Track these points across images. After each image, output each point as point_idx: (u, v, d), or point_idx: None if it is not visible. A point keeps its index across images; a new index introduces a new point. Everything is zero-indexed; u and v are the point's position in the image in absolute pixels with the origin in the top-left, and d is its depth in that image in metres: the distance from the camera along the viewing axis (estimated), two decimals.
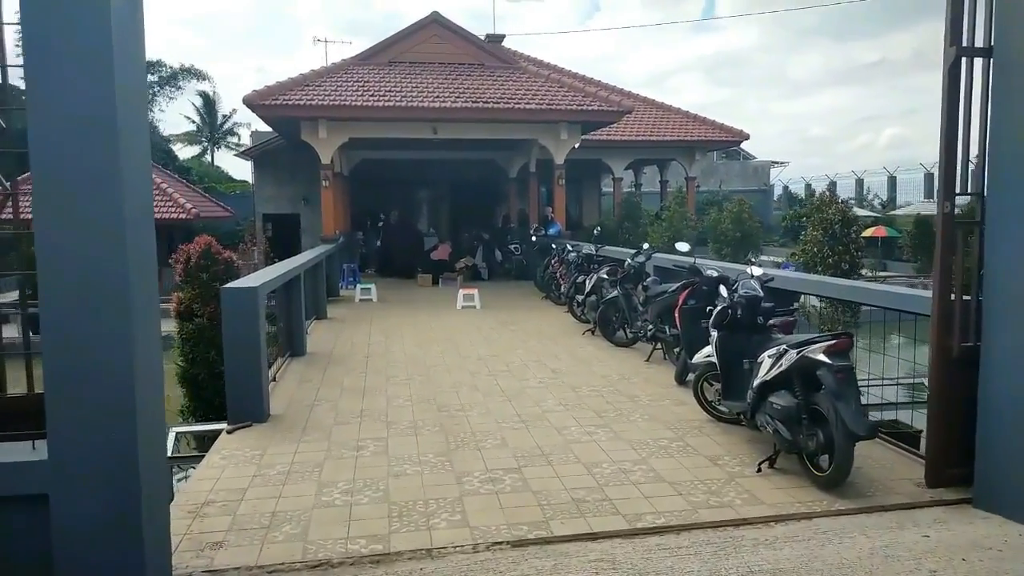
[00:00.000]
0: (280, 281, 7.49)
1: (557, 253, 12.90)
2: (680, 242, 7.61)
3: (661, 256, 9.08)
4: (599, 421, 5.90)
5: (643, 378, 7.40)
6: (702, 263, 7.18)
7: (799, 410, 4.50)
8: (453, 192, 22.22)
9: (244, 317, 5.89)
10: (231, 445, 5.44)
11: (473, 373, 7.70)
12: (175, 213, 19.45)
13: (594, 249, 10.75)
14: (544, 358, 8.45)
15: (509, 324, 10.96)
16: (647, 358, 8.21)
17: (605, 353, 8.69)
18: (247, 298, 5.90)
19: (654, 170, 26.84)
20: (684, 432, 5.61)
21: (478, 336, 10.00)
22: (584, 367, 7.95)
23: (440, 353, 8.82)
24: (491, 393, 6.85)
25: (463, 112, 13.86)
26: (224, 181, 44.92)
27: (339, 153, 17.85)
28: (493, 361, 8.31)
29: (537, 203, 18.78)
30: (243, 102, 13.25)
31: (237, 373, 5.91)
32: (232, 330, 5.89)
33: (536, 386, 7.12)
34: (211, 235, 23.22)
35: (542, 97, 14.32)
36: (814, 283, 6.75)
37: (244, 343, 5.88)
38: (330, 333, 10.36)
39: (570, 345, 9.22)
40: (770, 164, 47.66)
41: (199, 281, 8.35)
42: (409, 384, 7.25)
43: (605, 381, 7.28)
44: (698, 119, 21.08)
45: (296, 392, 6.97)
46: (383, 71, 14.88)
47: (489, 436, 5.54)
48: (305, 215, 21.05)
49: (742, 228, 12.35)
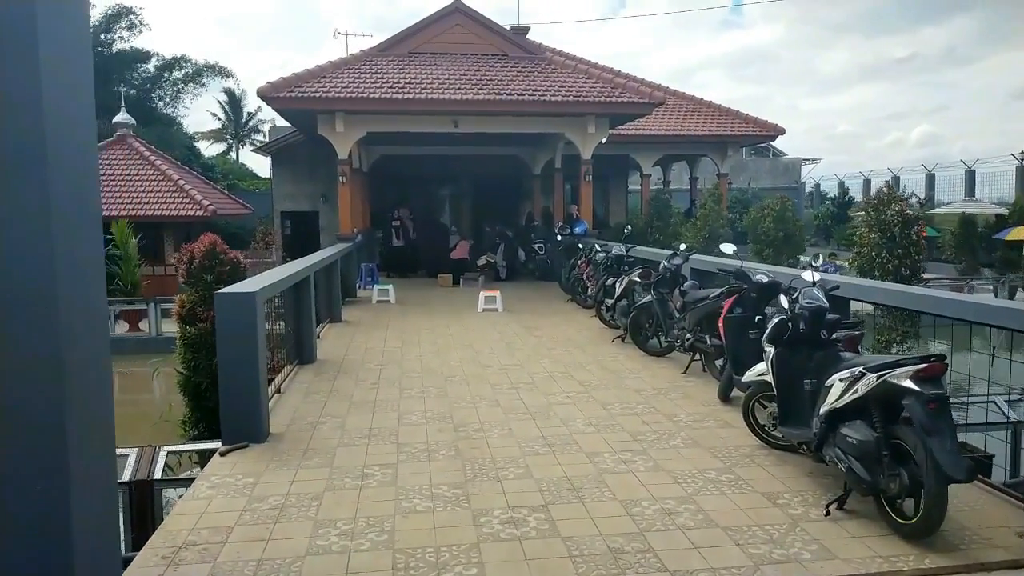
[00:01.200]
0: (285, 284, 6.90)
1: (584, 253, 12.21)
2: (724, 243, 6.90)
3: (699, 258, 8.37)
4: (635, 446, 5.23)
5: (681, 394, 6.71)
6: (749, 267, 6.46)
7: (879, 445, 3.80)
8: (475, 189, 21.60)
9: (241, 326, 5.30)
10: (223, 470, 4.86)
11: (494, 386, 7.06)
12: (191, 210, 19.08)
13: (624, 250, 10.04)
14: (571, 369, 7.78)
15: (533, 329, 10.30)
16: (684, 370, 7.51)
17: (637, 363, 8.01)
18: (244, 304, 5.31)
19: (682, 167, 26.05)
20: (733, 461, 4.92)
21: (500, 342, 9.36)
22: (615, 380, 7.27)
23: (459, 362, 8.19)
24: (513, 410, 6.20)
25: (486, 104, 13.21)
26: (247, 178, 44.85)
27: (358, 149, 17.32)
28: (516, 371, 7.66)
29: (562, 201, 18.09)
30: (257, 94, 12.73)
31: (233, 388, 5.33)
32: (227, 340, 5.31)
33: (563, 402, 6.46)
34: (233, 232, 22.90)
35: (569, 89, 13.63)
36: (894, 293, 5.81)
37: (240, 355, 5.29)
38: (343, 338, 9.78)
39: (599, 354, 8.54)
40: (801, 161, 46.48)
41: (202, 283, 7.80)
42: (424, 398, 6.63)
43: (640, 397, 6.60)
44: (730, 112, 20.23)
45: (301, 406, 6.37)
46: (403, 62, 14.29)
47: (511, 463, 4.90)
48: (324, 213, 20.56)
49: (785, 228, 11.53)
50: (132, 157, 20.78)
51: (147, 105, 37.85)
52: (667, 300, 7.86)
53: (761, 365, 5.07)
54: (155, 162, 20.77)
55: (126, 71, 37.31)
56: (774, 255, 10.95)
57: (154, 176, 20.12)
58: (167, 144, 34.55)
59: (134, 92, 37.40)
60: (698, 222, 13.61)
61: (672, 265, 7.87)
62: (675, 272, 7.85)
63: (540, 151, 18.97)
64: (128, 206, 18.94)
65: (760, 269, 6.38)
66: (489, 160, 20.04)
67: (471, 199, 21.66)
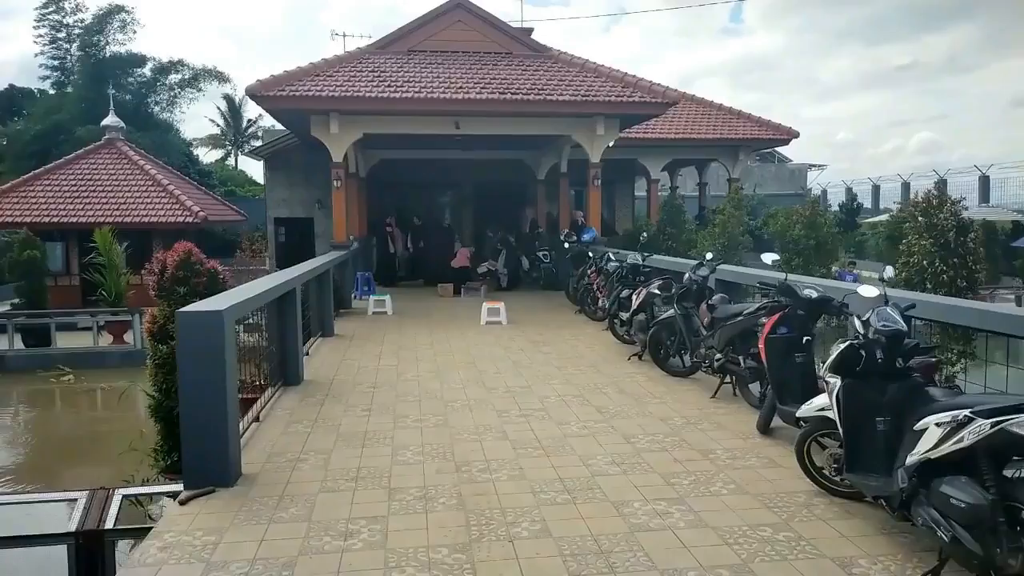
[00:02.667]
0: (264, 299, 6.11)
1: (594, 262, 11.43)
2: (767, 253, 6.12)
3: (726, 268, 7.59)
4: (670, 492, 4.43)
5: (713, 423, 5.90)
6: (797, 280, 5.67)
7: (994, 510, 3.00)
8: (477, 195, 20.84)
9: (206, 349, 4.51)
10: (180, 523, 4.06)
11: (501, 413, 6.26)
12: (182, 217, 18.31)
13: (640, 259, 9.25)
14: (586, 392, 6.99)
15: (541, 345, 9.50)
16: (713, 394, 6.71)
17: (659, 385, 7.21)
18: (210, 325, 4.52)
19: (688, 172, 25.31)
20: (790, 514, 4.12)
21: (506, 360, 8.57)
22: (636, 405, 6.47)
23: (461, 383, 7.40)
24: (524, 444, 5.40)
25: (489, 104, 12.46)
26: (246, 184, 44.14)
27: (355, 152, 16.59)
28: (524, 395, 6.86)
29: (568, 206, 17.32)
30: (246, 92, 12.00)
31: (196, 424, 4.54)
32: (190, 367, 4.52)
33: (580, 433, 5.66)
34: (230, 240, 22.11)
35: (577, 88, 12.87)
36: (993, 315, 4.76)
37: (206, 384, 4.50)
38: (335, 354, 8.99)
39: (615, 374, 7.74)
40: (807, 167, 45.77)
41: (175, 296, 7.00)
42: (421, 428, 5.83)
43: (667, 427, 5.80)
44: (742, 116, 19.48)
45: (280, 439, 5.58)
46: (401, 60, 13.54)
47: (524, 516, 4.10)
48: (319, 219, 19.78)
49: (817, 235, 10.73)
50: (120, 162, 20.02)
51: (143, 110, 37.13)
52: (692, 315, 7.07)
53: (820, 398, 4.28)
54: (144, 167, 20.01)
55: (121, 75, 36.60)
56: (804, 264, 10.16)
57: (143, 181, 19.36)
58: (163, 150, 33.79)
59: (130, 97, 36.75)
60: (715, 229, 12.83)
61: (698, 276, 7.08)
62: (701, 284, 7.07)
63: (545, 155, 18.23)
64: (115, 212, 18.19)
65: (807, 283, 5.59)
66: (492, 165, 19.31)
67: (473, 205, 20.91)
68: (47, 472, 10.23)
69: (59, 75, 39.38)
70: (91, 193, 18.86)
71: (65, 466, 10.67)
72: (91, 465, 10.22)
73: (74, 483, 9.68)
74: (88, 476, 9.73)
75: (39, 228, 17.75)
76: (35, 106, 36.97)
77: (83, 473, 10.23)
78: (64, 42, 38.66)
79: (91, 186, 19.08)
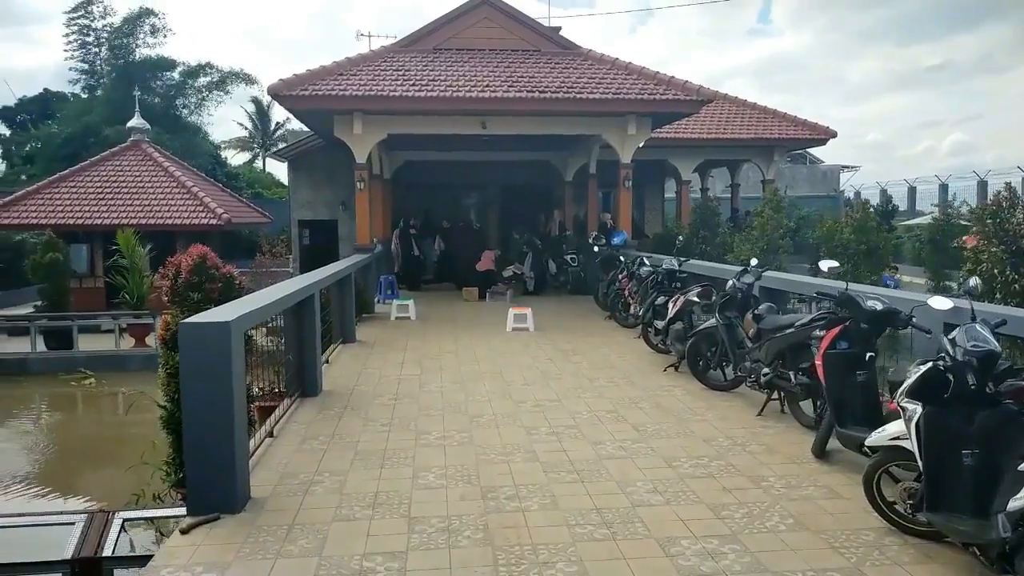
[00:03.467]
0: (278, 307, 5.74)
1: (626, 267, 10.95)
2: (825, 260, 5.60)
3: (773, 275, 7.08)
4: (722, 529, 3.96)
5: (763, 445, 5.41)
6: (858, 290, 5.16)
7: None
8: (503, 197, 20.43)
9: (211, 364, 4.15)
10: (180, 557, 3.69)
11: (530, 430, 5.82)
12: (204, 219, 18.14)
13: (677, 264, 8.76)
14: (620, 406, 6.53)
15: (570, 353, 9.06)
16: (759, 411, 6.21)
17: (700, 401, 6.72)
18: (215, 338, 4.15)
19: (719, 174, 24.70)
20: (859, 556, 3.63)
21: (534, 370, 8.13)
22: (676, 423, 6.00)
23: (487, 396, 6.98)
24: (556, 467, 4.97)
25: (516, 103, 12.04)
26: (272, 187, 44.20)
27: (380, 154, 16.30)
28: (554, 410, 6.42)
29: (596, 209, 16.84)
30: (268, 91, 11.71)
31: (200, 444, 4.18)
32: (194, 383, 4.17)
33: (616, 455, 5.21)
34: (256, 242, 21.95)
35: (608, 85, 12.41)
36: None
37: (210, 403, 4.14)
38: (355, 362, 8.63)
39: (651, 387, 7.27)
40: (839, 169, 44.70)
41: (188, 302, 6.68)
42: (444, 447, 5.42)
43: (712, 449, 5.32)
44: (777, 115, 18.86)
45: (294, 458, 5.20)
46: (426, 59, 13.18)
47: (559, 554, 3.67)
48: (344, 221, 19.51)
49: (867, 240, 10.09)
50: (145, 164, 19.93)
51: (171, 113, 37.34)
52: (736, 326, 6.58)
53: (894, 426, 3.79)
54: (169, 169, 19.90)
55: (149, 78, 36.83)
56: (853, 271, 9.57)
57: (167, 183, 19.23)
58: (191, 152, 33.92)
59: (158, 100, 36.97)
60: (754, 232, 12.27)
61: (743, 284, 6.58)
62: (746, 293, 6.57)
63: (573, 156, 17.79)
64: (139, 214, 18.06)
65: (870, 293, 5.08)
66: (518, 166, 18.91)
67: (498, 207, 20.50)
68: (60, 480, 10.00)
69: (88, 78, 39.75)
70: (116, 195, 18.76)
71: (79, 474, 10.45)
72: (106, 473, 9.97)
73: (88, 491, 9.48)
74: (102, 485, 9.51)
75: (64, 230, 17.69)
76: (66, 109, 37.35)
77: (97, 480, 10.02)
78: (93, 46, 38.99)
79: (116, 188, 18.98)
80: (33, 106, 40.67)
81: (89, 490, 9.43)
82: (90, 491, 9.44)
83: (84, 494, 9.23)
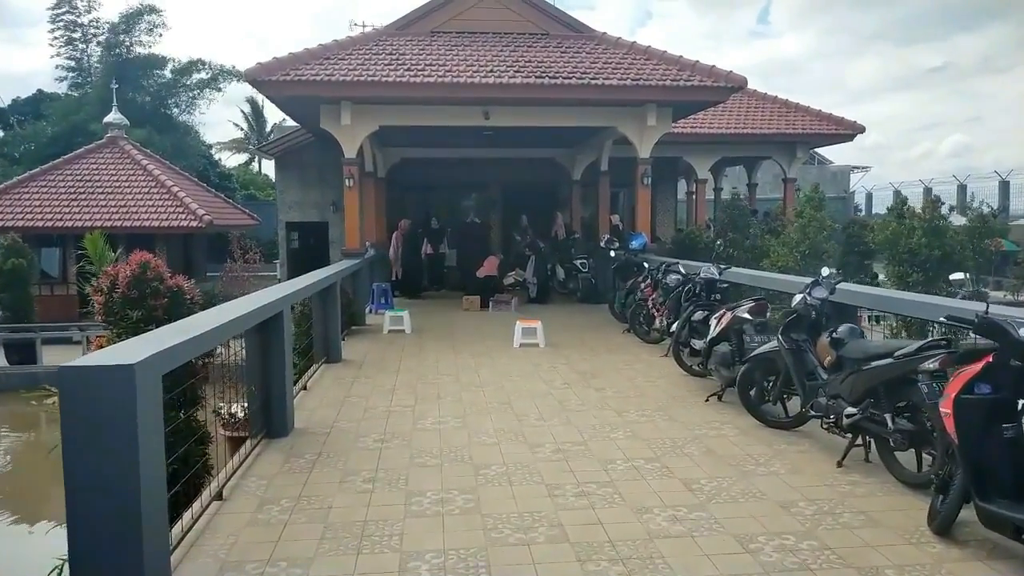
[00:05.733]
0: (223, 335, 4.40)
1: (649, 274, 9.68)
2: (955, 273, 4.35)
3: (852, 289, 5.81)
4: None
5: (860, 514, 4.12)
6: (1000, 312, 3.88)
7: None
8: (505, 197, 19.17)
9: (106, 429, 2.86)
10: None
11: (552, 489, 4.54)
12: (184, 220, 16.86)
13: (717, 272, 7.47)
14: (663, 452, 5.25)
15: (590, 377, 7.77)
16: (839, 460, 4.93)
17: (758, 443, 5.44)
18: (113, 390, 2.87)
19: (733, 173, 23.48)
20: None
21: (549, 399, 6.85)
22: (738, 478, 4.72)
23: (494, 436, 5.69)
24: (594, 552, 3.68)
25: (523, 90, 10.78)
26: (267, 188, 42.94)
27: (373, 150, 15.04)
28: (581, 458, 5.14)
29: (607, 209, 15.58)
30: (244, 76, 10.45)
31: (93, 550, 2.89)
32: (80, 458, 2.88)
33: (671, 531, 3.92)
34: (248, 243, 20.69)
35: (625, 71, 11.14)
36: None
37: (105, 487, 2.86)
38: (338, 388, 7.34)
39: (694, 423, 5.99)
40: (850, 169, 43.50)
41: (127, 322, 5.42)
42: (442, 517, 4.13)
43: (795, 522, 4.04)
44: (800, 108, 17.61)
45: (243, 536, 3.91)
46: (422, 42, 11.92)
47: None
48: (335, 223, 18.20)
49: (942, 245, 8.76)
50: (122, 161, 18.63)
51: (163, 112, 36.09)
52: (805, 351, 5.30)
53: None
54: (148, 167, 18.61)
55: (141, 76, 35.56)
56: (925, 281, 8.28)
57: (146, 183, 17.95)
58: (183, 153, 32.66)
59: (149, 99, 35.73)
60: (793, 235, 10.96)
61: (815, 300, 5.29)
62: (820, 310, 5.29)
63: (581, 152, 16.53)
64: (115, 216, 16.80)
65: (1020, 317, 3.80)
66: (522, 164, 17.66)
67: (501, 208, 19.22)
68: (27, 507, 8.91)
69: (76, 76, 38.46)
70: (90, 195, 17.49)
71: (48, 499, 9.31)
72: (57, 502, 8.71)
73: (58, 516, 8.29)
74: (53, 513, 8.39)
75: (34, 232, 16.41)
76: (52, 108, 36.05)
77: (47, 510, 8.91)
78: (80, 42, 37.74)
79: (90, 187, 17.71)
80: (27, 107, 39.39)
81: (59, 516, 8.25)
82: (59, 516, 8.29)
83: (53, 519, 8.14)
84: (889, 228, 10.02)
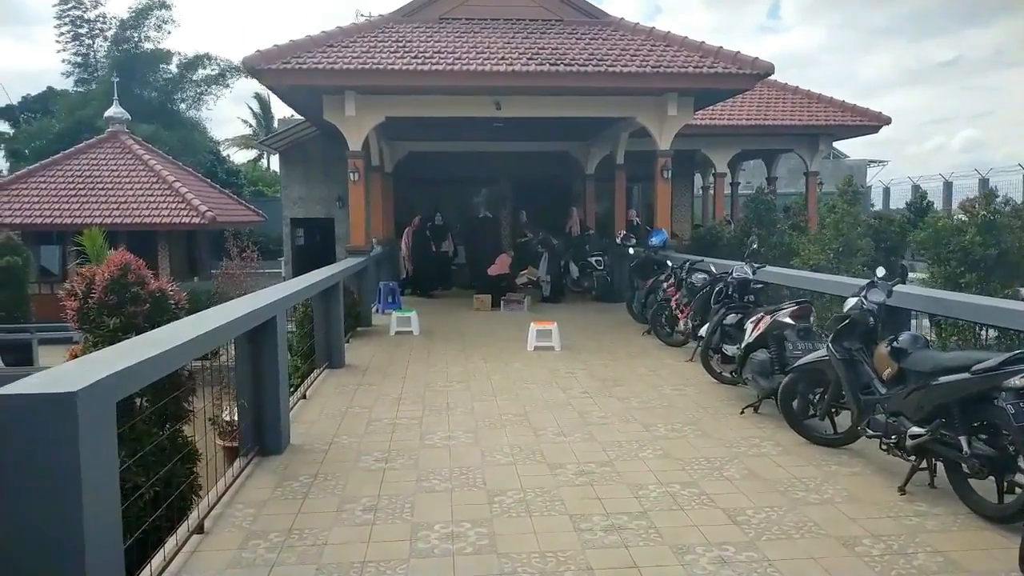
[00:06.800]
0: (196, 349, 3.85)
1: (672, 273, 9.11)
2: None
3: (909, 292, 5.22)
4: None
5: (930, 552, 3.55)
6: None
7: None
8: (516, 192, 18.58)
9: (38, 474, 2.33)
10: None
11: (578, 522, 3.98)
12: (186, 217, 16.39)
13: (751, 271, 6.88)
14: (699, 475, 4.68)
15: (612, 384, 7.21)
16: (901, 486, 4.35)
17: (806, 464, 4.86)
18: (44, 427, 2.34)
19: (750, 166, 22.82)
20: None
21: (568, 410, 6.29)
22: (788, 507, 4.15)
23: (510, 454, 5.14)
24: None
25: (536, 78, 10.19)
26: (275, 184, 42.56)
27: (380, 144, 14.51)
28: (607, 483, 4.58)
29: (623, 204, 14.98)
30: (242, 65, 9.93)
31: None
32: (12, 502, 2.35)
33: (718, 575, 3.36)
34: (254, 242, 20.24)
35: (644, 58, 10.54)
36: None
37: (36, 541, 2.33)
38: (340, 398, 6.81)
39: (731, 439, 5.42)
40: (866, 163, 42.60)
41: (103, 330, 4.91)
42: (453, 557, 3.59)
43: (860, 562, 3.47)
44: (823, 99, 16.94)
45: None
46: (430, 29, 11.35)
47: None
48: (341, 220, 17.68)
49: (999, 242, 8.00)
50: (123, 156, 18.18)
51: (169, 107, 35.73)
52: (860, 361, 4.71)
53: None
54: (149, 162, 18.13)
55: (148, 72, 35.20)
56: (979, 283, 7.59)
57: (147, 178, 17.48)
58: (190, 149, 32.29)
59: (156, 94, 35.39)
60: (826, 232, 10.30)
61: (872, 304, 4.70)
62: (876, 315, 4.70)
63: (595, 145, 15.93)
64: (114, 212, 16.35)
65: None
66: (534, 158, 17.09)
67: (511, 204, 18.64)
68: None
69: (82, 71, 38.11)
70: (90, 191, 17.04)
71: None
72: None
73: None
74: None
75: (33, 229, 15.97)
76: (59, 103, 35.71)
77: None
78: (87, 37, 37.39)
79: (90, 183, 17.25)
80: (36, 104, 39.11)
81: None
82: None
83: None
84: (939, 222, 9.33)
